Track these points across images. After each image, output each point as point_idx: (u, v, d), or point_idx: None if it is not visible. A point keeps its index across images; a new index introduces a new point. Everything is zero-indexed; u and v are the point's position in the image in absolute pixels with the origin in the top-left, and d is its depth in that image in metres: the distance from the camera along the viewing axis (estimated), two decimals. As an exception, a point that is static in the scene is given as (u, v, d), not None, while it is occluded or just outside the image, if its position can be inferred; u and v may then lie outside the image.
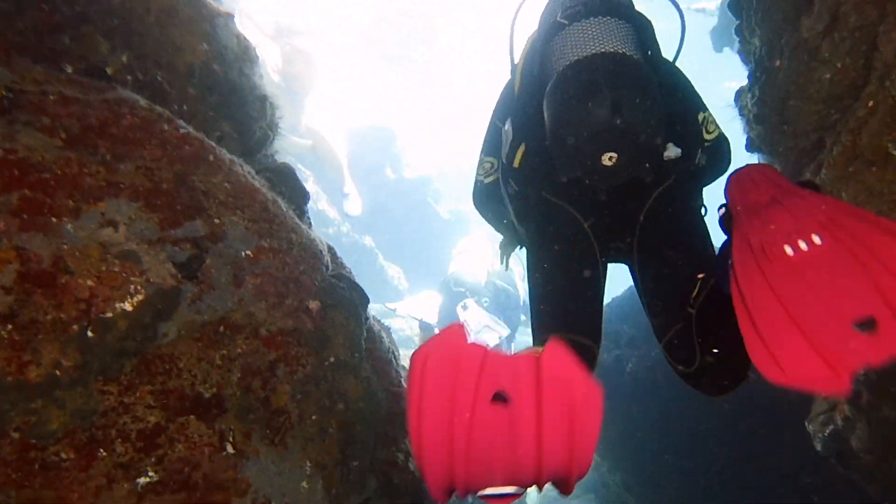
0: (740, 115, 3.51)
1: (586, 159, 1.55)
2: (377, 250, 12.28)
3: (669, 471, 5.01)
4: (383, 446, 1.98)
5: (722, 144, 1.90)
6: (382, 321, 2.45)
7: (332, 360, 1.79)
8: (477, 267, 9.50)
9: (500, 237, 2.46)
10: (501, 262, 2.46)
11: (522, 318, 10.04)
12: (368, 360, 2.04)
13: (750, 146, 3.46)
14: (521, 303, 9.67)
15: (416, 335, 8.80)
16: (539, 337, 1.75)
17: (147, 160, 1.58)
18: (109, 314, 1.37)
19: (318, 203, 11.40)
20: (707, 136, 1.81)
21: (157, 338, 1.47)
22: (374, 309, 2.21)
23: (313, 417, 1.67)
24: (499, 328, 8.19)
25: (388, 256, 12.69)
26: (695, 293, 1.62)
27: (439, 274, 12.08)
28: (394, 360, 2.24)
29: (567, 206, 1.77)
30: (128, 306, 1.40)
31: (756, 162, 1.92)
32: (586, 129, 1.51)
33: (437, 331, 8.68)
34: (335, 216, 11.86)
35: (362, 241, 11.94)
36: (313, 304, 1.84)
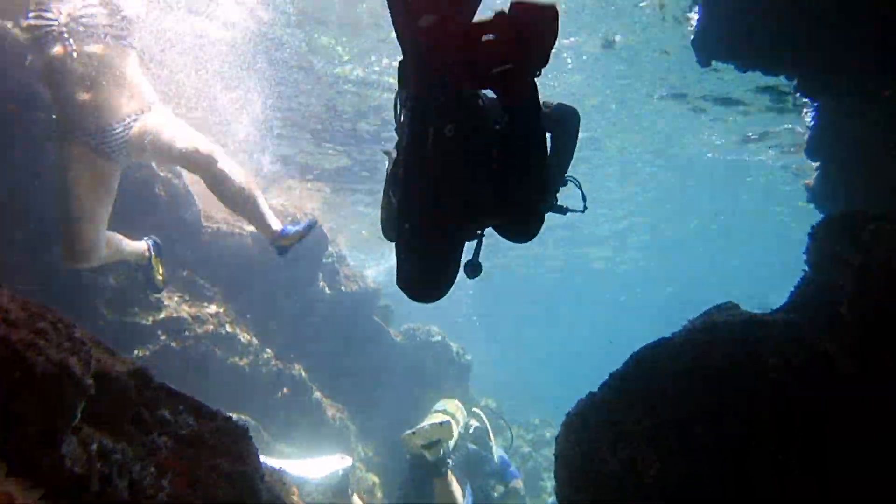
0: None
1: None
2: (311, 383, 8.55)
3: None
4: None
5: None
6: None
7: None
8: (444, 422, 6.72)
9: None
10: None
11: (498, 488, 7.81)
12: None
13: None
14: (497, 466, 7.73)
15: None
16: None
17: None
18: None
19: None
20: None
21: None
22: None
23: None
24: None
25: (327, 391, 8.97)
26: None
27: (395, 414, 9.30)
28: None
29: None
30: None
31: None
32: None
33: None
34: (248, 339, 7.65)
35: (290, 369, 8.26)
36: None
